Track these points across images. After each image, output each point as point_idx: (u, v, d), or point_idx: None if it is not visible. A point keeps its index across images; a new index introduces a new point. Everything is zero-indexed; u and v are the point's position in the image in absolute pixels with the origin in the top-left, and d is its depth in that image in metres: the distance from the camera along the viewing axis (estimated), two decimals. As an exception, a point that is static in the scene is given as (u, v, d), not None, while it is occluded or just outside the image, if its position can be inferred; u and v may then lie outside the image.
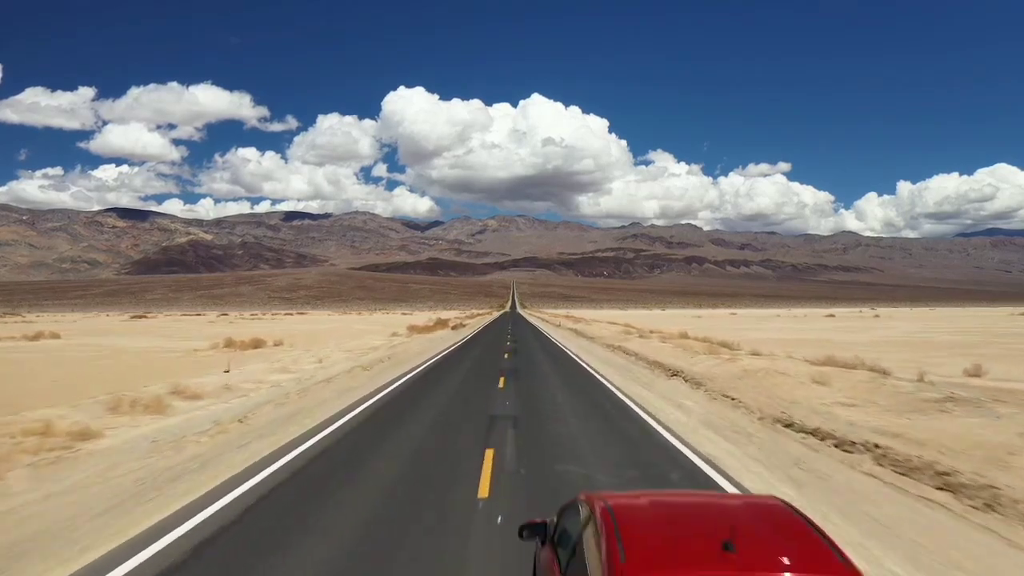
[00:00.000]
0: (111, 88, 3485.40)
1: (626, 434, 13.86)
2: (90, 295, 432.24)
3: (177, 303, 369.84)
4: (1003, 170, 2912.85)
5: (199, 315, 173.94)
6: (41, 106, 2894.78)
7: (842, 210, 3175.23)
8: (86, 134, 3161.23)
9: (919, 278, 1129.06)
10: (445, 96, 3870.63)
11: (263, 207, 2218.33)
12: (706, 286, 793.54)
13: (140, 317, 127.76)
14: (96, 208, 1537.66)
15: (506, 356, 35.03)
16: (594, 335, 52.45)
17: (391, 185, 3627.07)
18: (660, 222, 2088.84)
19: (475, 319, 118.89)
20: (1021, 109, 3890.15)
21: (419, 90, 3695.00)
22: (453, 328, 69.36)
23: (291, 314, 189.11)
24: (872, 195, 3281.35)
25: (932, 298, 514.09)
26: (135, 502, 8.71)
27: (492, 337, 57.40)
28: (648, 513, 4.11)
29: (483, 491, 9.35)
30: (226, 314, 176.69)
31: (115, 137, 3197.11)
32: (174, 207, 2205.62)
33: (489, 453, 11.55)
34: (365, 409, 17.07)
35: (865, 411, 13.80)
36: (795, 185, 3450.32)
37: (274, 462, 11.10)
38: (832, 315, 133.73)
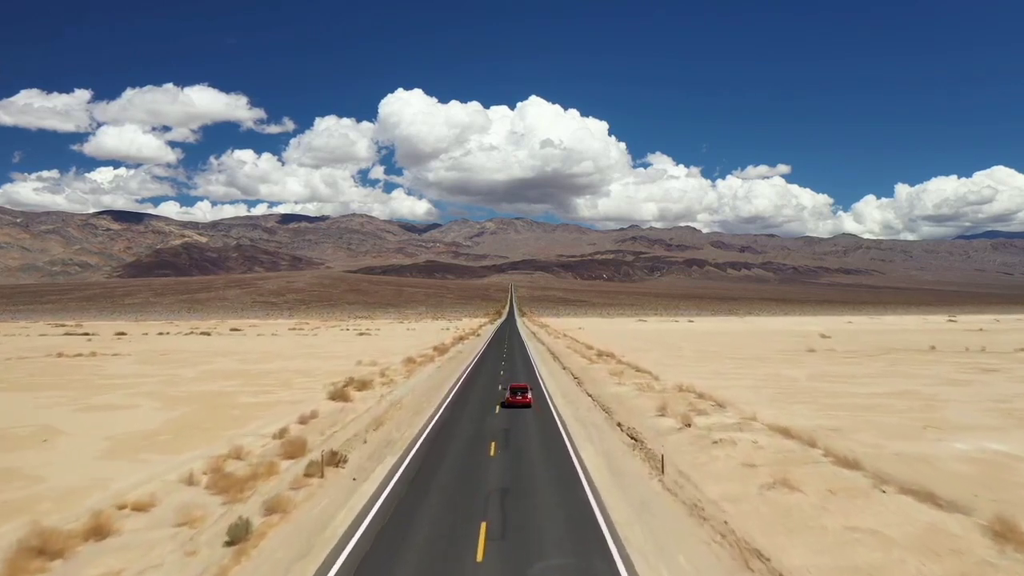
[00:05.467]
0: (106, 90, 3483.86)
1: None
2: (67, 299, 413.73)
3: (156, 308, 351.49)
4: (1001, 172, 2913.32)
5: (87, 333, 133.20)
6: (36, 108, 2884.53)
7: (840, 212, 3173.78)
8: (81, 136, 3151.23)
9: (921, 281, 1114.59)
10: (443, 98, 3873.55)
11: (259, 210, 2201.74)
12: (709, 289, 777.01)
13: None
14: (91, 211, 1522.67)
15: None
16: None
17: (389, 187, 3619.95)
18: (659, 224, 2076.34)
19: (437, 365, 65.99)
20: (1018, 111, 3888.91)
21: (417, 92, 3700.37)
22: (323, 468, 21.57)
23: (204, 333, 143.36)
24: (871, 197, 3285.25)
25: (937, 302, 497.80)
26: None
27: None
28: (518, 381, 46.46)
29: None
30: (123, 333, 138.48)
31: (110, 139, 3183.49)
32: (170, 210, 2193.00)
33: None
34: None
35: None
36: (794, 187, 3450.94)
37: None
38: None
